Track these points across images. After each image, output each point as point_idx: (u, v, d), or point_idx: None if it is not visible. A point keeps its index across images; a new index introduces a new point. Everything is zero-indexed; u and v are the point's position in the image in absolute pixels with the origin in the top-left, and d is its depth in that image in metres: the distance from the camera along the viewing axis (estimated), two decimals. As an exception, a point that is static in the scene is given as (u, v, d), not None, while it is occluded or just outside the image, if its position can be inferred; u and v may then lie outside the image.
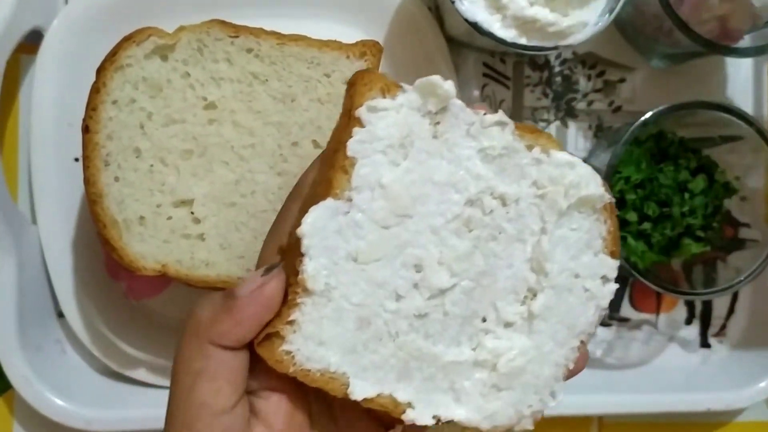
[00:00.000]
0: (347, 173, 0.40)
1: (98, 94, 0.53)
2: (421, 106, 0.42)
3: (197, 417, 0.39)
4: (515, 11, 0.58)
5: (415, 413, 0.43)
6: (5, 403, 0.65)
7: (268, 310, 0.40)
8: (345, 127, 0.41)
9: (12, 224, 0.60)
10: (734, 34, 0.63)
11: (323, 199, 0.40)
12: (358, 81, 0.42)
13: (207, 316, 0.40)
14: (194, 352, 0.39)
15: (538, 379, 0.45)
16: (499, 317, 0.44)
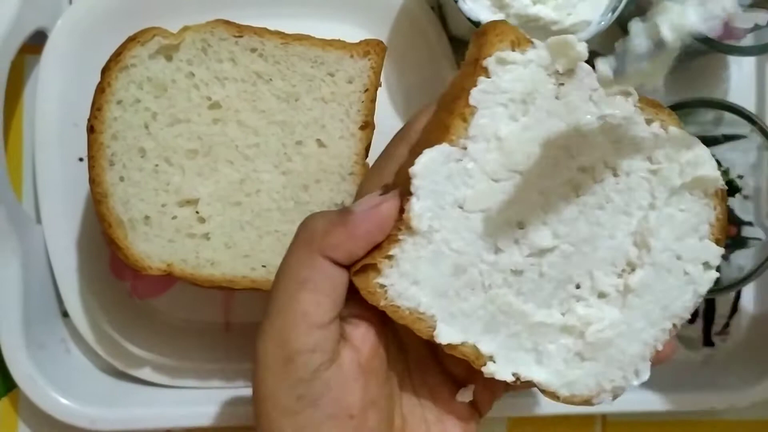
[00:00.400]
0: (466, 121, 0.41)
1: (103, 94, 0.53)
2: (549, 65, 0.42)
3: (294, 324, 0.40)
4: (518, 10, 0.58)
5: (496, 367, 0.43)
6: (10, 402, 0.66)
7: (380, 230, 0.40)
8: (470, 75, 0.41)
9: (17, 224, 0.60)
10: (737, 33, 0.63)
11: (438, 143, 0.40)
12: (489, 31, 0.42)
13: (321, 227, 0.41)
14: (303, 260, 0.41)
15: (624, 355, 0.45)
16: (593, 286, 0.44)
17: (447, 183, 0.41)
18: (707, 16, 0.40)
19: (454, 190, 0.41)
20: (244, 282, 0.54)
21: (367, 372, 0.42)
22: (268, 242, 0.55)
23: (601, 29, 0.59)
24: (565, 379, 0.44)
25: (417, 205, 0.40)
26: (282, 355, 0.40)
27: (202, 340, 0.65)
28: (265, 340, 0.40)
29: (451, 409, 0.46)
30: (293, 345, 0.40)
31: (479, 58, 0.41)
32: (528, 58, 0.42)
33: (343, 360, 0.41)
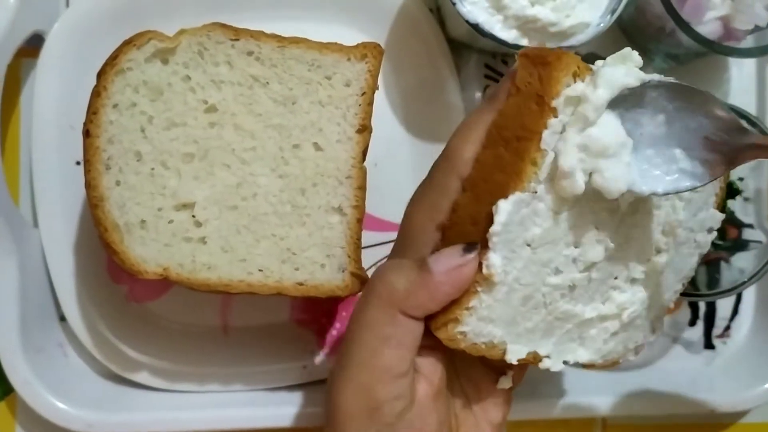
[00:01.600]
0: (536, 165, 0.41)
1: (99, 98, 0.53)
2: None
3: (379, 379, 0.42)
4: (517, 11, 0.58)
5: (551, 362, 0.46)
6: (7, 406, 0.65)
7: (460, 292, 0.42)
8: (534, 113, 0.41)
9: (13, 227, 0.60)
10: (737, 34, 0.63)
11: (509, 190, 0.40)
12: (554, 63, 0.41)
13: (403, 287, 0.42)
14: (385, 318, 0.42)
15: (646, 320, 0.49)
16: (628, 275, 0.47)
17: (519, 228, 0.42)
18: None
19: (524, 232, 0.42)
20: (241, 286, 0.54)
21: (438, 397, 0.45)
22: (265, 246, 0.55)
23: (600, 31, 0.59)
24: (602, 353, 0.48)
25: (496, 260, 0.41)
26: (367, 405, 0.42)
27: (200, 343, 0.65)
28: (348, 390, 0.43)
29: (493, 398, 0.49)
30: (379, 396, 0.42)
31: (544, 95, 0.40)
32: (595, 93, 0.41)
33: (419, 395, 0.44)
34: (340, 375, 0.43)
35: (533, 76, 0.41)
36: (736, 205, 0.67)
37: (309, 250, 0.55)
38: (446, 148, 0.45)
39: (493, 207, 0.41)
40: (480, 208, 0.41)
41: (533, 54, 0.42)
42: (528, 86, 0.42)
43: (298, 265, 0.55)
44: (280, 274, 0.55)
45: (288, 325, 0.66)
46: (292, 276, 0.55)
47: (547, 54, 0.41)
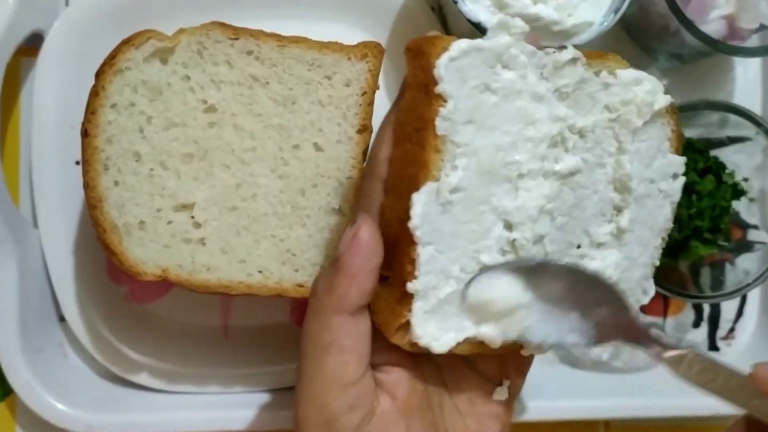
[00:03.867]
0: (440, 152, 0.41)
1: (97, 98, 0.52)
2: (492, 56, 0.42)
3: (327, 389, 0.42)
4: (519, 9, 0.57)
5: (532, 347, 0.46)
6: (7, 407, 0.65)
7: (371, 255, 0.41)
8: (425, 104, 0.41)
9: (13, 228, 0.60)
10: (742, 33, 0.62)
11: (420, 181, 0.41)
12: (429, 51, 0.41)
13: (323, 287, 0.42)
14: (321, 325, 0.42)
15: (631, 282, 0.48)
16: (591, 241, 0.47)
17: (441, 216, 0.42)
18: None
19: (448, 218, 0.42)
20: (241, 288, 0.54)
21: (407, 412, 0.44)
22: (265, 247, 0.54)
23: (603, 30, 0.58)
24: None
25: (424, 254, 0.41)
26: (323, 419, 0.42)
27: (200, 344, 0.65)
28: (304, 406, 0.42)
29: (489, 410, 0.48)
30: (331, 408, 0.41)
31: (428, 83, 0.41)
32: (469, 53, 0.41)
33: (383, 408, 0.43)
34: (297, 391, 0.43)
35: (417, 68, 0.42)
36: (741, 206, 0.66)
37: (309, 251, 0.55)
38: (368, 155, 0.46)
39: (409, 201, 0.41)
40: (402, 205, 0.41)
41: (413, 46, 0.43)
42: (415, 78, 0.42)
43: (298, 266, 0.54)
44: (280, 275, 0.54)
45: (288, 326, 0.66)
46: (292, 277, 0.54)
47: (422, 43, 0.42)
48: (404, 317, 0.42)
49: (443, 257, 0.42)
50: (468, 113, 0.41)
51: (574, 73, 0.45)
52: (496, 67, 0.42)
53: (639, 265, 0.48)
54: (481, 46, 0.41)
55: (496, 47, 0.42)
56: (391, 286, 0.43)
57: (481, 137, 0.42)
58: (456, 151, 0.41)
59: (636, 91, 0.47)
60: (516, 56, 0.43)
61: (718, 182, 0.65)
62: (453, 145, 0.41)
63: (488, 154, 0.42)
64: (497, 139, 0.42)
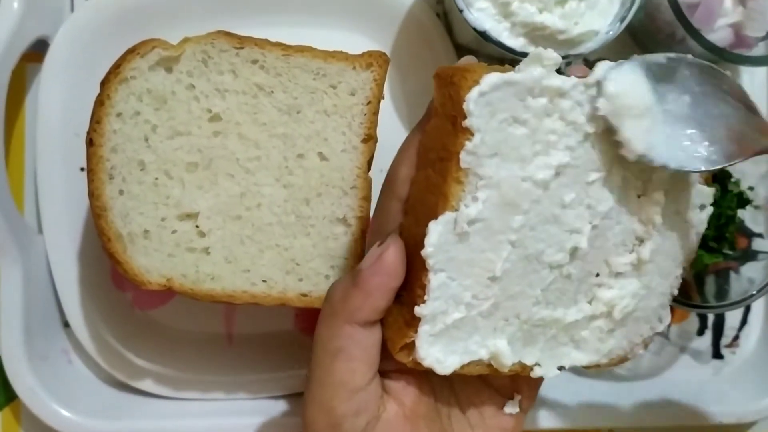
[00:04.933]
0: (461, 183, 0.41)
1: (102, 107, 0.52)
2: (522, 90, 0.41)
3: (335, 394, 0.42)
4: (525, 18, 0.57)
5: (542, 370, 0.46)
6: (12, 413, 0.65)
7: (392, 277, 0.42)
8: (452, 135, 0.41)
9: (18, 234, 0.60)
10: (749, 41, 0.62)
11: (438, 211, 0.41)
12: (459, 84, 0.40)
13: (339, 296, 0.43)
14: (332, 332, 0.43)
15: (647, 311, 0.48)
16: (611, 271, 0.46)
17: (457, 244, 0.41)
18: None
19: (465, 247, 0.42)
20: (245, 297, 0.54)
21: (413, 419, 0.45)
22: (269, 257, 0.54)
23: (609, 39, 0.58)
24: (603, 352, 0.47)
25: (435, 281, 0.41)
26: (329, 423, 0.43)
27: (205, 351, 0.65)
28: (312, 409, 0.43)
29: (500, 423, 0.48)
30: (337, 412, 0.42)
31: (456, 116, 0.40)
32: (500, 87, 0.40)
33: (389, 414, 0.44)
34: (306, 394, 0.44)
35: (445, 97, 0.41)
36: (746, 215, 0.66)
37: (313, 260, 0.55)
38: (388, 171, 0.46)
39: (426, 228, 0.41)
40: (419, 230, 0.41)
41: (443, 74, 0.42)
42: (443, 107, 0.42)
43: (302, 275, 0.55)
44: (284, 284, 0.54)
45: (292, 333, 0.66)
46: (296, 287, 0.54)
47: (454, 73, 0.41)
48: (410, 338, 0.42)
49: (455, 284, 0.42)
50: (494, 146, 0.41)
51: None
52: (527, 99, 0.41)
53: (657, 294, 0.48)
54: (514, 80, 0.40)
55: (528, 80, 0.41)
56: (402, 306, 0.43)
57: (506, 169, 0.41)
58: (478, 183, 0.41)
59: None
60: (552, 87, 0.42)
61: (723, 191, 0.65)
62: (476, 177, 0.41)
63: (511, 186, 0.42)
64: (522, 171, 0.42)
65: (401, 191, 0.44)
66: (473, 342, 0.44)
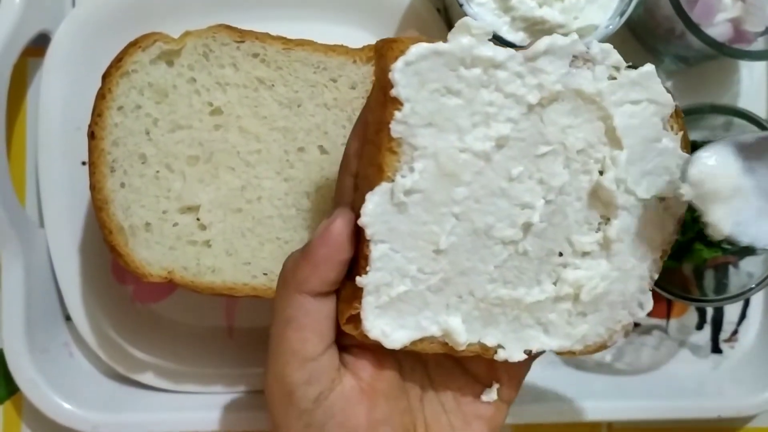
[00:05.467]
0: (395, 153, 0.41)
1: (104, 100, 0.53)
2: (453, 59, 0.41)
3: (286, 362, 0.43)
4: (524, 12, 0.57)
5: (507, 352, 0.45)
6: (13, 406, 0.66)
7: (338, 249, 0.42)
8: (382, 106, 0.41)
9: (19, 228, 0.60)
10: (748, 36, 0.62)
11: (376, 182, 0.41)
12: (386, 55, 0.40)
13: (289, 267, 0.43)
14: (284, 302, 0.43)
15: (625, 295, 0.47)
16: (575, 249, 0.45)
17: (398, 216, 0.41)
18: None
19: (407, 219, 0.42)
20: (245, 290, 0.54)
21: (371, 394, 0.44)
22: (270, 249, 0.54)
23: (608, 33, 0.58)
24: (576, 337, 0.46)
25: (377, 251, 0.41)
26: (283, 391, 0.43)
27: (205, 344, 0.65)
28: (268, 379, 0.44)
29: (477, 411, 0.48)
30: (289, 380, 0.43)
31: (385, 86, 0.40)
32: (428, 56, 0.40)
33: (344, 386, 0.44)
34: (266, 365, 0.45)
35: (378, 69, 0.42)
36: (745, 209, 0.66)
37: (313, 253, 0.55)
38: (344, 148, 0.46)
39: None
40: (362, 203, 0.41)
41: (378, 45, 0.42)
42: (377, 79, 0.42)
43: (302, 268, 0.55)
44: (285, 277, 0.55)
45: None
46: (297, 279, 0.55)
47: (383, 45, 0.41)
48: (355, 309, 0.42)
49: (399, 256, 0.42)
50: (427, 116, 0.41)
51: (555, 66, 0.43)
52: (459, 69, 0.41)
53: (634, 277, 0.47)
54: (442, 50, 0.40)
55: (457, 50, 0.41)
56: (351, 279, 0.43)
57: (442, 140, 0.41)
58: (414, 154, 0.41)
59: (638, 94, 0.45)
60: (484, 57, 0.41)
61: (722, 185, 0.65)
62: (410, 147, 0.41)
63: (449, 157, 0.41)
64: (460, 142, 0.42)
65: (353, 166, 0.44)
66: (424, 317, 0.44)
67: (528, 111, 0.43)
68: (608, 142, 0.45)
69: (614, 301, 0.46)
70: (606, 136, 0.45)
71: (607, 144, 0.45)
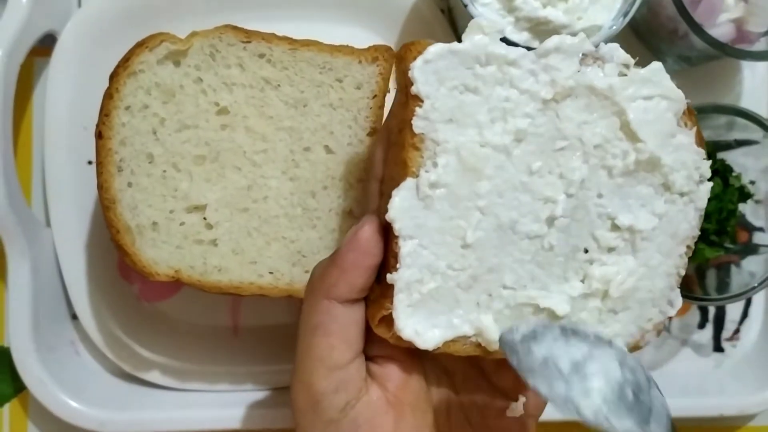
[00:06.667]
0: (419, 149, 0.42)
1: (111, 100, 0.53)
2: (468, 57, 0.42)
3: (314, 370, 0.42)
4: (528, 12, 0.58)
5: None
6: (20, 404, 0.66)
7: (366, 254, 0.42)
8: (404, 105, 0.42)
9: (26, 227, 0.61)
10: (750, 37, 0.62)
11: (402, 179, 0.42)
12: (405, 57, 0.42)
13: (318, 273, 0.43)
14: (311, 308, 0.43)
15: (653, 292, 0.47)
16: (600, 245, 0.46)
17: (426, 211, 0.42)
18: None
19: (435, 214, 0.42)
20: (252, 288, 0.54)
21: (397, 405, 0.44)
22: (276, 249, 0.55)
23: (612, 33, 0.59)
24: (608, 336, 0.45)
25: (406, 247, 0.42)
26: (309, 399, 0.43)
27: (211, 343, 0.65)
28: (295, 386, 0.43)
29: (500, 425, 0.47)
30: (316, 388, 0.42)
31: (406, 86, 0.42)
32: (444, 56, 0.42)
33: (371, 397, 0.44)
34: (292, 372, 0.44)
35: (399, 73, 0.43)
36: (747, 208, 0.67)
37: (319, 252, 0.55)
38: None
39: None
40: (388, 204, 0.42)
41: (397, 53, 0.44)
42: (399, 83, 0.44)
43: (308, 267, 0.55)
44: (291, 276, 0.55)
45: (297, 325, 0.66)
46: (303, 278, 0.55)
47: (401, 49, 0.43)
48: (387, 309, 0.42)
49: (427, 252, 0.42)
50: (448, 112, 0.42)
51: (565, 63, 0.44)
52: (475, 67, 0.43)
53: (661, 274, 0.47)
54: (457, 49, 0.42)
55: (471, 49, 0.42)
56: (381, 281, 0.43)
57: (462, 135, 0.42)
58: (436, 149, 0.42)
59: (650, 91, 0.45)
60: (497, 54, 0.43)
61: (725, 185, 0.65)
62: (433, 143, 0.42)
63: (470, 151, 0.42)
64: (479, 137, 0.43)
65: (378, 172, 0.45)
66: (456, 316, 0.44)
67: (543, 107, 0.44)
68: (624, 137, 0.45)
69: (643, 298, 0.47)
70: (621, 131, 0.45)
71: (624, 139, 0.45)
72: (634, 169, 0.45)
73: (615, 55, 0.45)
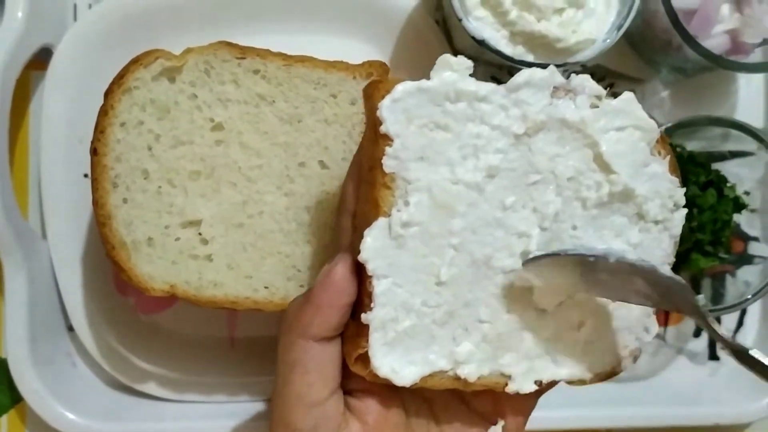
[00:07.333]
0: (390, 188, 0.42)
1: (106, 117, 0.53)
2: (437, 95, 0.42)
3: (292, 408, 0.42)
4: (522, 27, 0.58)
5: (516, 384, 0.45)
6: (17, 415, 0.66)
7: (340, 293, 0.42)
8: (374, 143, 0.42)
9: (22, 239, 0.61)
10: (745, 48, 0.62)
11: (374, 218, 0.41)
12: (373, 95, 0.42)
13: (293, 312, 0.43)
14: (288, 347, 0.43)
15: (629, 320, 0.47)
16: None
17: (398, 250, 0.42)
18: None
19: (408, 252, 0.42)
20: (247, 303, 0.55)
21: None
22: (271, 264, 0.55)
23: (606, 47, 0.59)
24: (585, 365, 0.46)
25: (380, 286, 0.42)
26: None
27: (207, 354, 0.66)
28: (274, 424, 0.43)
29: None
30: (295, 426, 0.42)
31: (375, 124, 0.41)
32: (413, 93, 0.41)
33: (351, 431, 0.43)
34: (270, 409, 0.45)
35: (367, 109, 0.43)
36: (742, 218, 0.67)
37: (314, 267, 0.55)
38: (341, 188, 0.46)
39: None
40: (361, 242, 0.42)
41: (365, 88, 0.43)
42: (367, 119, 0.43)
43: (303, 282, 0.55)
44: (286, 291, 0.55)
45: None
46: (298, 293, 0.55)
47: (369, 86, 0.42)
48: (363, 348, 0.42)
49: (402, 290, 0.42)
50: (419, 150, 0.42)
51: (536, 97, 0.43)
52: (445, 104, 0.42)
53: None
54: (426, 87, 0.42)
55: (440, 86, 0.42)
56: (356, 317, 0.43)
57: (434, 173, 0.42)
58: (408, 187, 0.42)
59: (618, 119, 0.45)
60: (467, 91, 0.42)
61: (719, 196, 0.65)
62: (404, 181, 0.42)
63: (442, 189, 0.42)
64: (451, 174, 0.42)
65: (351, 207, 0.45)
66: (432, 352, 0.44)
67: (516, 141, 0.43)
68: (597, 168, 0.45)
69: (620, 327, 0.47)
70: (595, 163, 0.45)
71: (597, 171, 0.45)
72: (608, 201, 0.45)
73: (587, 87, 0.45)
